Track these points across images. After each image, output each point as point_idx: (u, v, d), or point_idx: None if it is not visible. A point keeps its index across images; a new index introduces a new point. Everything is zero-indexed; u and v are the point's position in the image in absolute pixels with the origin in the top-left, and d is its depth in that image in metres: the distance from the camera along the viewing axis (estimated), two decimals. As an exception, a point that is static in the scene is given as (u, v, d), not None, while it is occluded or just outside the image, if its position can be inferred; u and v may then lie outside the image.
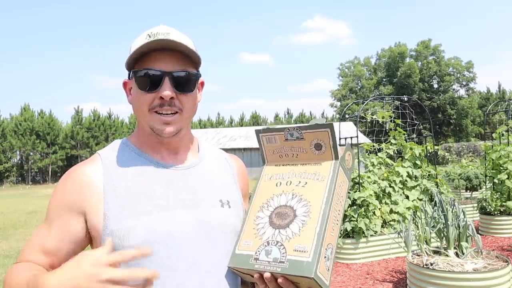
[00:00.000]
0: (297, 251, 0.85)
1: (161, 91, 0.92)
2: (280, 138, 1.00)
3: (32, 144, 42.39)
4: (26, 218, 12.15)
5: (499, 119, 10.59)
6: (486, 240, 6.18)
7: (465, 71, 46.72)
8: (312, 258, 0.84)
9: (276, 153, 1.03)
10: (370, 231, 5.42)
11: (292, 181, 0.98)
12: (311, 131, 0.95)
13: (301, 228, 0.88)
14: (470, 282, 3.43)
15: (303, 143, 0.98)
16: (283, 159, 1.03)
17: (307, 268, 0.83)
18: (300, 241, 0.87)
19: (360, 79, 47.53)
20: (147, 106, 0.94)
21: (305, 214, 0.90)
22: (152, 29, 0.96)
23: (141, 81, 0.93)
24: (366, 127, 8.64)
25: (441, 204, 4.02)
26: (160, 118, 0.94)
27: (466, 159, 16.25)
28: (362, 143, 6.97)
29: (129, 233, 0.89)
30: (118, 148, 1.01)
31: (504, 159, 6.67)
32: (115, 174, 0.95)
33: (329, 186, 0.93)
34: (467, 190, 9.71)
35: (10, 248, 7.75)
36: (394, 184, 6.12)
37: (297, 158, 1.01)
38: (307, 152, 0.99)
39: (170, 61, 0.93)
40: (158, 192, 0.95)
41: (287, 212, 0.92)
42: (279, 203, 0.95)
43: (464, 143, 27.02)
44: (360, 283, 4.56)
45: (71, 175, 0.97)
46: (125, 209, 0.91)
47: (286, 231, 0.89)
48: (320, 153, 0.97)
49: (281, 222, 0.91)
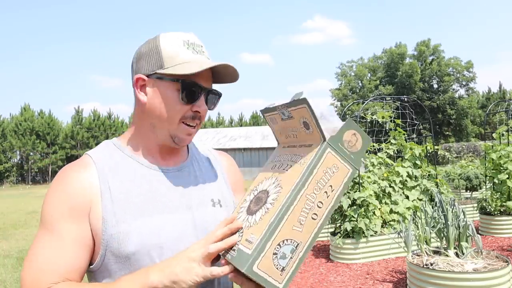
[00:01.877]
0: (247, 241, 0.78)
1: (199, 105, 0.96)
2: (278, 117, 0.92)
3: (32, 144, 42.39)
4: (26, 218, 12.14)
5: (499, 119, 10.59)
6: (486, 240, 6.18)
7: (465, 71, 46.72)
8: (252, 251, 0.75)
9: (282, 134, 0.95)
10: (370, 231, 5.42)
11: (283, 163, 0.89)
12: (294, 108, 0.84)
13: (262, 216, 0.80)
14: (470, 282, 3.43)
15: (294, 122, 0.87)
16: (288, 140, 0.94)
17: (242, 260, 0.76)
18: (254, 230, 0.79)
19: (361, 80, 47.52)
20: (180, 115, 0.95)
21: (272, 202, 0.81)
22: (185, 35, 0.98)
23: (186, 92, 0.94)
24: (366, 127, 8.64)
25: (441, 204, 4.01)
26: (187, 129, 0.97)
27: (466, 159, 16.24)
28: (362, 143, 6.95)
29: (126, 237, 0.89)
30: (109, 150, 1.00)
31: (504, 159, 6.67)
32: (109, 178, 0.94)
33: (304, 171, 0.80)
34: (467, 190, 9.71)
35: (10, 248, 7.75)
36: (394, 184, 6.12)
37: (296, 139, 0.90)
38: (300, 132, 0.88)
39: (209, 78, 0.98)
40: (151, 195, 0.95)
41: (262, 198, 0.85)
42: (262, 187, 0.88)
43: (464, 143, 27.01)
44: (360, 283, 4.56)
45: (68, 178, 0.93)
46: (121, 213, 0.91)
47: (253, 218, 0.82)
48: (309, 132, 0.85)
49: (254, 207, 0.84)
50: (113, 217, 0.90)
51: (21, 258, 6.90)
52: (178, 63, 0.93)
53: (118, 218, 0.90)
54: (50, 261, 0.87)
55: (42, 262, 0.87)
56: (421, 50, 46.71)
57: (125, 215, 0.91)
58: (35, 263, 0.87)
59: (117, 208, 0.91)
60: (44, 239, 0.89)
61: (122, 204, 0.92)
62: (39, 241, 0.90)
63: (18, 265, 6.47)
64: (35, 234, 0.92)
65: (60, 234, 0.88)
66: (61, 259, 0.87)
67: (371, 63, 49.19)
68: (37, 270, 0.86)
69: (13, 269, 6.24)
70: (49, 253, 0.88)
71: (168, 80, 0.94)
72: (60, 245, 0.88)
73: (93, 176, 0.93)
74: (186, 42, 0.96)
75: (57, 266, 0.87)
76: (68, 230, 0.89)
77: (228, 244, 0.81)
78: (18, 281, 5.59)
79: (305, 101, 0.79)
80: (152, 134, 0.99)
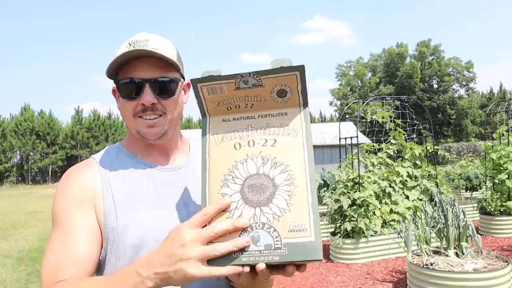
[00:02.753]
0: (293, 231, 0.71)
1: (142, 98, 0.95)
2: (228, 87, 0.79)
3: (32, 144, 42.40)
4: (26, 218, 12.14)
5: (500, 119, 10.59)
6: (486, 240, 6.18)
7: (465, 71, 46.75)
8: (315, 237, 0.70)
9: (221, 105, 0.82)
10: (370, 231, 5.42)
11: (254, 140, 0.79)
12: (274, 76, 0.76)
13: (289, 201, 0.73)
14: (470, 282, 3.43)
15: (262, 91, 0.78)
16: (232, 112, 0.82)
17: (313, 250, 0.69)
18: (293, 217, 0.71)
19: (361, 79, 47.54)
20: (132, 112, 0.98)
21: (288, 183, 0.74)
22: (133, 37, 0.99)
23: (123, 89, 0.97)
24: (366, 127, 8.64)
25: (441, 204, 4.01)
26: (144, 122, 0.98)
27: (466, 159, 16.24)
28: (362, 143, 6.97)
29: (125, 231, 0.93)
30: (111, 152, 1.05)
31: (504, 159, 6.67)
32: (111, 176, 0.99)
33: (306, 142, 0.77)
34: (467, 190, 9.71)
35: (10, 248, 7.74)
36: (394, 184, 6.12)
37: (252, 109, 0.81)
38: (266, 101, 0.80)
39: (149, 68, 0.96)
40: (151, 193, 0.99)
41: (263, 183, 0.75)
42: (247, 172, 0.77)
43: (464, 143, 27.02)
44: (360, 283, 4.56)
45: (73, 177, 0.99)
46: (121, 208, 0.95)
47: (270, 208, 0.73)
48: (284, 100, 0.79)
49: (259, 197, 0.74)
50: (113, 211, 0.94)
51: (21, 258, 6.90)
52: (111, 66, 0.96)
53: (118, 212, 0.94)
54: (64, 254, 0.90)
55: (57, 257, 0.90)
56: (421, 51, 46.73)
57: (125, 210, 0.95)
58: (50, 261, 0.90)
59: (117, 203, 0.95)
60: (57, 237, 0.93)
61: (122, 200, 0.96)
62: (53, 241, 0.93)
63: (18, 265, 6.46)
64: (35, 234, 0.93)
65: (71, 228, 0.92)
66: (74, 251, 0.90)
67: (371, 62, 49.22)
68: (53, 265, 0.89)
69: (13, 269, 6.23)
70: (62, 248, 0.91)
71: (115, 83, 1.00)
72: (72, 238, 0.91)
73: (95, 174, 0.99)
74: (130, 43, 0.96)
75: (70, 259, 0.89)
76: (79, 221, 0.93)
77: (239, 247, 0.70)
78: (18, 281, 5.59)
79: (301, 68, 0.74)
80: (135, 137, 1.04)
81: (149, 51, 0.93)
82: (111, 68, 0.96)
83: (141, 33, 1.00)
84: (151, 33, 1.01)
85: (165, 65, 0.97)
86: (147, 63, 0.96)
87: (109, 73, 0.97)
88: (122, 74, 0.98)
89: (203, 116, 0.85)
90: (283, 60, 0.75)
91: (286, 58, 0.76)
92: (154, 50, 0.94)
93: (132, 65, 0.96)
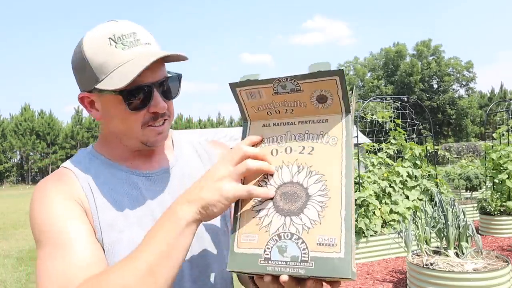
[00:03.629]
0: (322, 245, 0.67)
1: (154, 105, 0.83)
2: (266, 91, 0.76)
3: (32, 144, 42.42)
4: (26, 218, 12.13)
5: (500, 119, 10.59)
6: (486, 240, 6.18)
7: (465, 71, 46.78)
8: (345, 254, 0.66)
9: (262, 110, 0.79)
10: (370, 231, 5.42)
11: (292, 146, 0.76)
12: (312, 81, 0.73)
13: (321, 212, 0.69)
14: (470, 282, 3.43)
15: (301, 96, 0.75)
16: (273, 117, 0.80)
17: (340, 267, 0.65)
18: (323, 231, 0.68)
19: (361, 79, 47.59)
20: (140, 123, 0.84)
21: (322, 193, 0.70)
22: (112, 29, 0.82)
23: (131, 101, 0.81)
24: (366, 127, 8.64)
25: (441, 204, 4.01)
26: (154, 130, 0.86)
27: (466, 159, 16.25)
28: (362, 143, 6.97)
29: (113, 247, 0.82)
30: (86, 160, 0.91)
31: (504, 159, 6.67)
32: (93, 188, 0.86)
33: (345, 151, 0.73)
34: (467, 190, 9.71)
35: (10, 248, 7.75)
36: (394, 184, 6.12)
37: (292, 114, 0.78)
38: (306, 106, 0.76)
39: (153, 69, 0.82)
40: (135, 204, 0.88)
41: (296, 192, 0.72)
42: (281, 179, 0.74)
43: (464, 143, 27.03)
44: (360, 283, 4.56)
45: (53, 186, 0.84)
46: (106, 225, 0.84)
47: (301, 218, 0.70)
48: (325, 106, 0.75)
49: (290, 206, 0.72)
50: (99, 228, 0.83)
51: (21, 258, 6.90)
52: (112, 69, 0.80)
53: (105, 229, 0.83)
54: (68, 265, 0.75)
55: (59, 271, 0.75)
56: (420, 50, 46.78)
57: (112, 226, 0.84)
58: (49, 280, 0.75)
59: (103, 219, 0.84)
60: (47, 255, 0.77)
61: (106, 215, 0.84)
62: (44, 261, 0.77)
63: (18, 265, 6.47)
64: None
65: (65, 239, 0.78)
66: (79, 258, 0.76)
67: (370, 62, 49.29)
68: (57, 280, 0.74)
69: (13, 269, 6.24)
70: (61, 261, 0.76)
71: (109, 94, 0.82)
72: (71, 248, 0.77)
73: (77, 187, 0.85)
74: (113, 39, 0.81)
75: (77, 267, 0.75)
76: (76, 226, 0.80)
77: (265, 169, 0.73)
78: (18, 281, 5.59)
79: (340, 72, 0.71)
80: (121, 145, 0.91)
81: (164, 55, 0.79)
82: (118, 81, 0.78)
83: (119, 22, 0.85)
84: (127, 21, 0.86)
85: (162, 61, 0.85)
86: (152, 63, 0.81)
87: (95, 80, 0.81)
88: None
89: (244, 121, 0.83)
90: (321, 64, 0.72)
91: (324, 62, 0.72)
92: (147, 45, 0.83)
93: None
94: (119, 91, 0.80)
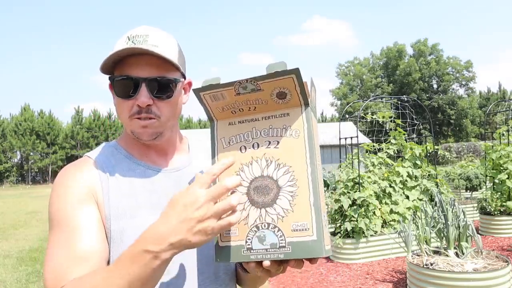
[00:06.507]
0: (296, 230, 0.75)
1: (137, 98, 0.89)
2: (229, 93, 0.81)
3: (32, 144, 42.41)
4: (26, 218, 12.15)
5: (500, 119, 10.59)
6: (486, 240, 6.18)
7: (464, 70, 46.75)
8: (317, 235, 0.74)
9: (226, 110, 0.84)
10: (370, 231, 5.43)
11: (259, 142, 0.81)
12: (271, 81, 0.77)
13: (292, 201, 0.76)
14: (470, 282, 3.43)
15: (262, 94, 0.80)
16: (237, 115, 0.84)
17: (314, 248, 0.73)
18: (296, 218, 0.75)
19: (361, 79, 47.59)
20: (127, 112, 0.92)
21: (291, 184, 0.77)
22: (133, 30, 0.93)
23: (118, 87, 0.90)
24: (366, 127, 8.65)
25: (441, 204, 4.02)
26: (138, 122, 0.92)
27: (466, 159, 16.24)
28: (362, 143, 6.97)
29: (122, 235, 0.88)
30: (108, 151, 0.99)
31: (504, 159, 6.67)
32: (109, 178, 0.93)
33: (308, 141, 0.78)
34: (467, 190, 9.71)
35: (10, 248, 7.75)
36: (394, 184, 6.12)
37: (255, 111, 0.83)
38: (267, 103, 0.81)
39: (147, 66, 0.89)
40: (148, 195, 0.94)
41: (268, 185, 0.78)
42: (252, 174, 0.80)
43: (464, 143, 27.03)
44: (360, 283, 4.56)
45: (71, 175, 0.92)
46: (118, 212, 0.90)
47: (274, 209, 0.77)
48: (285, 101, 0.80)
49: (264, 198, 0.78)
50: (109, 215, 0.89)
51: (21, 258, 6.90)
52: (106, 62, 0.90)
53: (116, 216, 0.89)
54: (68, 255, 0.83)
55: (59, 259, 0.83)
56: (419, 50, 46.76)
57: (122, 214, 0.90)
58: (52, 265, 0.83)
59: (115, 207, 0.90)
60: (56, 239, 0.86)
61: (119, 203, 0.91)
62: (52, 243, 0.86)
63: (18, 265, 6.47)
64: (35, 234, 0.88)
65: (73, 226, 0.86)
66: (78, 249, 0.84)
67: (369, 62, 49.29)
68: (55, 269, 0.83)
69: (13, 269, 6.23)
70: (64, 249, 0.84)
71: (110, 81, 0.93)
72: (75, 236, 0.85)
73: (94, 174, 0.92)
74: (129, 37, 0.90)
75: (74, 258, 0.83)
76: (81, 218, 0.87)
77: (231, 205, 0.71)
78: (18, 281, 5.59)
79: (296, 71, 0.75)
80: (134, 139, 0.98)
81: (146, 49, 0.86)
82: (106, 64, 0.89)
83: (141, 26, 0.94)
84: (152, 27, 0.94)
85: (164, 63, 0.91)
86: (145, 60, 0.89)
87: (104, 69, 0.91)
88: (118, 70, 0.91)
89: (210, 121, 0.87)
90: (277, 65, 0.76)
91: (280, 62, 0.76)
92: (153, 47, 0.88)
93: (129, 61, 0.89)
94: (111, 77, 0.91)
